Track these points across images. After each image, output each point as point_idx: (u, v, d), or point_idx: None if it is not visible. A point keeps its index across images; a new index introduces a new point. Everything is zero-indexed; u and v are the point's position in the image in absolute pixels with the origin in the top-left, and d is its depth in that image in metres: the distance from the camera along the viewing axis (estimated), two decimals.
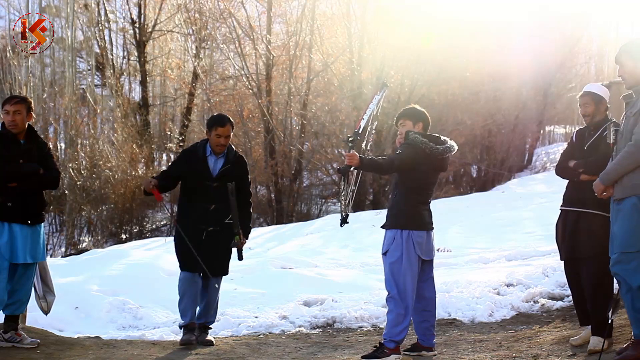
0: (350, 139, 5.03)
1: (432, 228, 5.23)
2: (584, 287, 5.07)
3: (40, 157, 5.39)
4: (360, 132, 5.16)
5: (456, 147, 5.35)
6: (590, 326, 5.10)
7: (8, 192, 5.20)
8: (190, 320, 5.73)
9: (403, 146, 5.14)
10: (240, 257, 5.79)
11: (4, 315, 5.42)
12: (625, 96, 4.61)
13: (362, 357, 5.00)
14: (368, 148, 5.32)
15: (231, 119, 5.84)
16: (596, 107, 5.13)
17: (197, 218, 5.62)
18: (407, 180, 5.13)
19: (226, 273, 5.85)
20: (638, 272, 4.25)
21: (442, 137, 5.35)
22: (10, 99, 5.44)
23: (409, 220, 5.07)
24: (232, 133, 5.75)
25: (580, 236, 5.02)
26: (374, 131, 5.40)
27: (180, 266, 5.78)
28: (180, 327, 5.82)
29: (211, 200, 5.60)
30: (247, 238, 5.81)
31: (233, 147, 5.86)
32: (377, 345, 5.03)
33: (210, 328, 5.93)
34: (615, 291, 4.90)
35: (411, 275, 5.02)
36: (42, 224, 5.54)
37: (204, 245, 5.61)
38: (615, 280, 4.72)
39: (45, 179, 5.42)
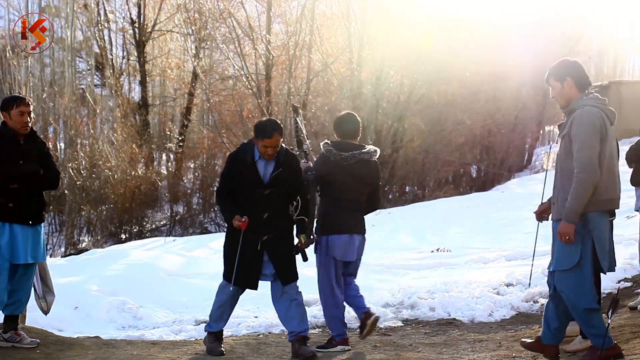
0: (300, 152, 5.45)
1: (357, 232, 5.54)
2: None
3: (40, 157, 5.35)
4: (307, 148, 5.53)
5: (372, 151, 5.46)
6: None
7: (9, 193, 5.16)
8: (220, 329, 5.45)
9: (317, 159, 5.50)
10: (304, 258, 5.37)
11: (3, 315, 5.40)
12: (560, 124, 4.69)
13: (317, 347, 5.48)
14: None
15: (279, 123, 5.28)
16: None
17: (250, 228, 5.09)
18: (321, 188, 5.45)
19: (297, 278, 5.37)
20: (581, 292, 4.37)
21: (362, 145, 5.52)
22: (21, 99, 5.33)
23: (327, 226, 5.42)
24: (281, 140, 5.20)
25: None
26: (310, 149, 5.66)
27: (225, 276, 5.30)
28: (208, 332, 5.44)
29: (263, 209, 5.14)
30: (309, 238, 5.31)
31: (284, 146, 5.32)
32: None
33: (308, 339, 5.45)
34: (615, 292, 4.90)
35: (335, 276, 5.48)
36: (43, 224, 5.52)
37: (262, 256, 5.23)
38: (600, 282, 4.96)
39: (45, 180, 5.38)
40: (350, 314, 6.09)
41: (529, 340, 4.85)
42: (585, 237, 4.37)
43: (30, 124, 5.29)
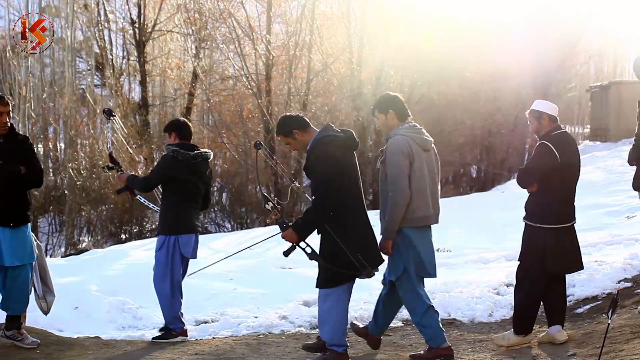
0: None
1: (198, 231, 6.00)
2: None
3: (22, 155, 5.21)
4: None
5: (209, 152, 6.05)
6: (557, 326, 5.46)
7: None
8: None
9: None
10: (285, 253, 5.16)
11: (5, 314, 5.39)
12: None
13: (152, 338, 5.86)
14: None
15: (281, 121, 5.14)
16: (538, 122, 5.42)
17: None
18: (170, 188, 5.86)
19: (319, 285, 5.07)
20: (414, 296, 5.06)
21: (197, 145, 6.04)
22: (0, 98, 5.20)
23: (179, 225, 5.85)
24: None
25: (522, 241, 5.47)
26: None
27: (334, 281, 4.91)
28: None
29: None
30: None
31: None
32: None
33: None
34: (615, 292, 4.92)
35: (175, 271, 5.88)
36: (29, 225, 5.34)
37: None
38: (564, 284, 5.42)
39: (28, 179, 5.24)
40: (351, 315, 6.09)
41: (360, 325, 5.59)
42: (405, 249, 4.99)
43: (9, 124, 5.17)
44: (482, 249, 10.91)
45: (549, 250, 5.19)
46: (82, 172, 20.31)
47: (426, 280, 5.28)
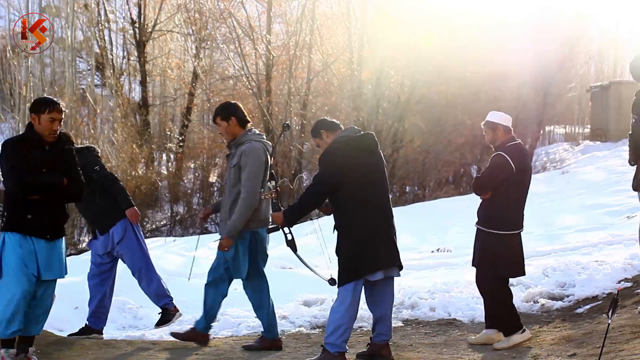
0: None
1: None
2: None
3: (67, 165, 4.91)
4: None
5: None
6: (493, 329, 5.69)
7: (28, 203, 4.78)
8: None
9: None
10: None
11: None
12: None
13: (69, 335, 6.02)
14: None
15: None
16: (494, 133, 5.62)
17: None
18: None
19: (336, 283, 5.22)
20: (261, 292, 5.60)
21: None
22: (55, 105, 4.83)
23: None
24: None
25: (475, 248, 5.75)
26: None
27: (352, 273, 4.97)
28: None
29: None
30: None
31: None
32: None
33: None
34: (615, 292, 4.92)
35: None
36: (63, 238, 5.04)
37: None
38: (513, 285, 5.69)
39: (68, 191, 4.93)
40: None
41: (180, 332, 5.80)
42: (244, 247, 5.37)
43: (58, 131, 4.87)
44: None
45: (500, 256, 5.51)
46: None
47: (426, 281, 5.30)
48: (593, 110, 30.79)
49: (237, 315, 7.07)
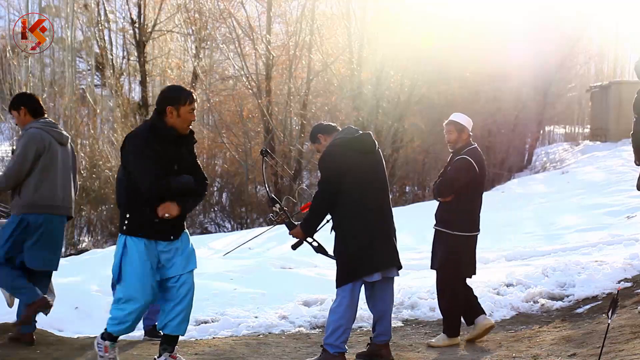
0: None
1: None
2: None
3: (192, 160, 4.58)
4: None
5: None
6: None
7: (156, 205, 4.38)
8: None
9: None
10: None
11: (161, 333, 4.78)
12: None
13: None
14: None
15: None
16: (458, 135, 5.78)
17: None
18: None
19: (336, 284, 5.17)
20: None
21: None
22: (191, 93, 4.52)
23: None
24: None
25: (435, 250, 5.77)
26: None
27: (349, 274, 4.96)
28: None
29: None
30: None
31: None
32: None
33: None
34: (615, 292, 4.92)
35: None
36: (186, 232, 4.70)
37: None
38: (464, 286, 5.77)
39: (200, 191, 4.58)
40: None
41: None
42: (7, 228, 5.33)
43: None
44: (482, 249, 10.87)
45: (463, 257, 5.66)
46: (82, 172, 20.31)
47: (426, 281, 5.31)
48: (593, 110, 30.81)
49: (237, 315, 7.07)
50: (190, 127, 4.57)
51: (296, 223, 5.21)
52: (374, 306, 5.20)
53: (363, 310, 6.93)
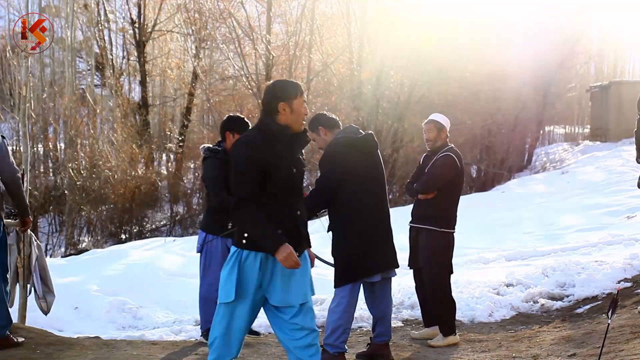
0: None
1: None
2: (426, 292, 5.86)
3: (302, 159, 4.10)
4: None
5: None
6: (435, 326, 5.84)
7: (282, 216, 3.82)
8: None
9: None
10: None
11: None
12: None
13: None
14: None
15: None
16: (438, 133, 5.78)
17: None
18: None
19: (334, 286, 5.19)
20: None
21: None
22: (299, 85, 3.91)
23: None
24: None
25: (419, 249, 5.75)
26: None
27: (349, 275, 4.96)
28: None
29: None
30: None
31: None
32: None
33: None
34: (615, 292, 4.92)
35: None
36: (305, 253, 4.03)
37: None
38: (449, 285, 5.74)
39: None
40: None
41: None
42: None
43: None
44: (482, 249, 10.92)
45: (449, 253, 5.73)
46: (82, 172, 20.31)
47: None
48: (593, 110, 30.81)
49: None
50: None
51: None
52: (375, 307, 5.20)
53: (363, 310, 6.94)
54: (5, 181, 5.27)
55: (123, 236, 20.76)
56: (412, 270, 6.02)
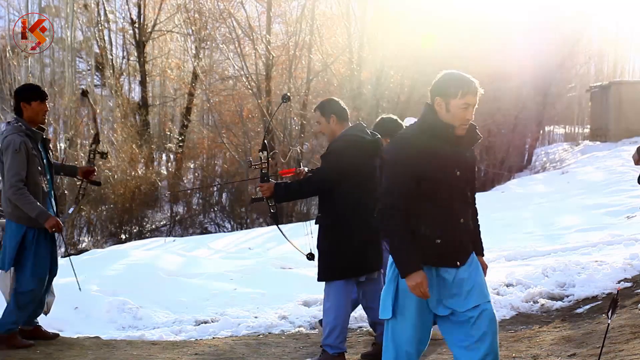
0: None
1: None
2: None
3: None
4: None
5: None
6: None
7: (438, 222, 3.55)
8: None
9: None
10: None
11: None
12: None
13: None
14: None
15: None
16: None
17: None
18: None
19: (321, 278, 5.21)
20: None
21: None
22: (466, 83, 3.80)
23: None
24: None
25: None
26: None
27: (338, 273, 5.00)
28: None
29: None
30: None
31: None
32: None
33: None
34: (615, 292, 4.92)
35: None
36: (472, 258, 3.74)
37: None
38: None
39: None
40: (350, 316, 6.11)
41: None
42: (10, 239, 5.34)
43: None
44: None
45: None
46: None
47: None
48: (593, 110, 30.80)
49: (237, 315, 7.07)
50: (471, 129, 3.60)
51: (272, 180, 5.06)
52: (370, 309, 5.22)
53: (363, 310, 6.95)
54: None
55: (123, 236, 20.77)
56: None
